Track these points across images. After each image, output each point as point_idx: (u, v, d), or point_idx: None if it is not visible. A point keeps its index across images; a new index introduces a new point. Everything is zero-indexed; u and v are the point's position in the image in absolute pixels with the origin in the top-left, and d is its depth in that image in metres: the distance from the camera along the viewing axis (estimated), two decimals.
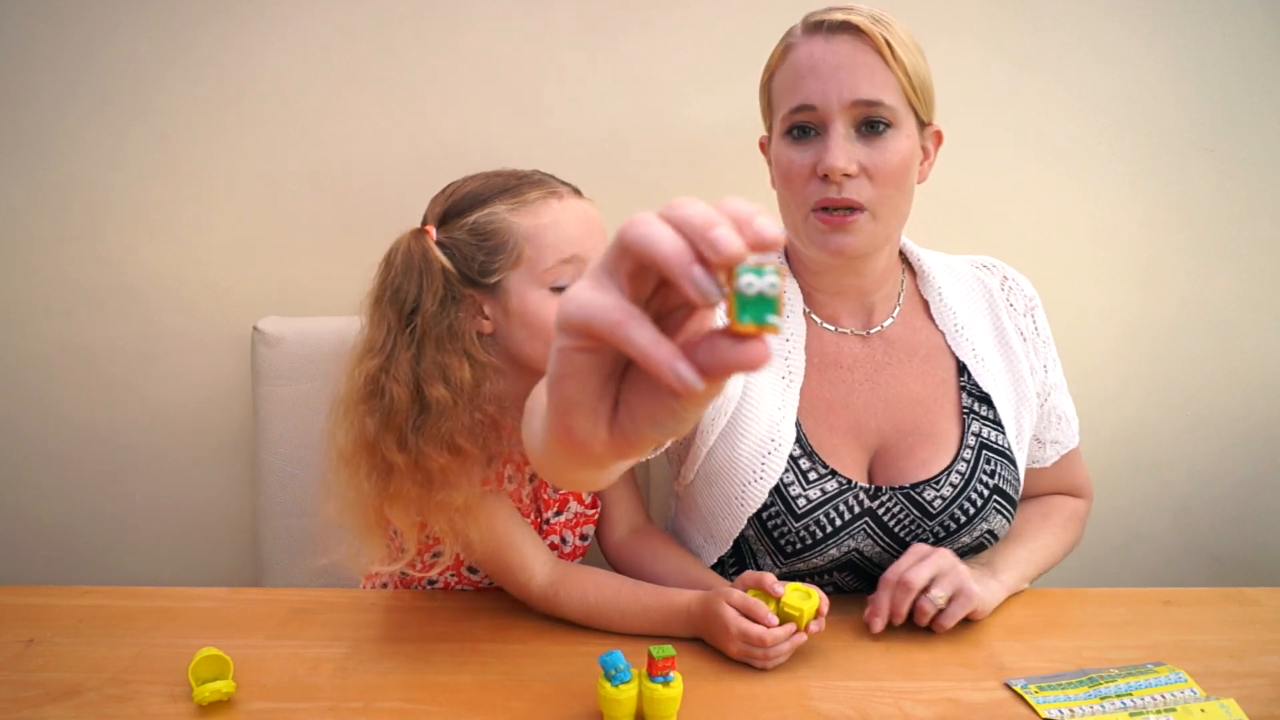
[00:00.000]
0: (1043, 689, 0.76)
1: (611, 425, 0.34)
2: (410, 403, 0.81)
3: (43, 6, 1.16)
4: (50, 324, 1.24)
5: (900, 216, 0.89)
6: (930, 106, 0.88)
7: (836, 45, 0.83)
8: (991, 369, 0.94)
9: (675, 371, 0.29)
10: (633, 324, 0.30)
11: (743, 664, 0.79)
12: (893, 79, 0.82)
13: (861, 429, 0.92)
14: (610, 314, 0.30)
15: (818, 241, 0.86)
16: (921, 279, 0.98)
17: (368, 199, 1.22)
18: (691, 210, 0.30)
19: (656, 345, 0.30)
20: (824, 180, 0.84)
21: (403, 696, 0.74)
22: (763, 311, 0.29)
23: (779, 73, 0.88)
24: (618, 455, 0.35)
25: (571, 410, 0.33)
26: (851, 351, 0.94)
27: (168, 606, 0.89)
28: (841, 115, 0.83)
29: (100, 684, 0.75)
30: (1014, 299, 0.99)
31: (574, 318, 0.31)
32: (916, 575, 0.82)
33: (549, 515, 0.97)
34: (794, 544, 0.89)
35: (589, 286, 0.31)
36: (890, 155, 0.83)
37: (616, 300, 0.30)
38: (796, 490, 0.88)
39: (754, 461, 0.88)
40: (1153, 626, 0.88)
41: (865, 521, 0.89)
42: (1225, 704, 0.72)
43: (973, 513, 0.89)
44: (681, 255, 0.29)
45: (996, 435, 0.92)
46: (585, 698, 0.74)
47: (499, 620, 0.88)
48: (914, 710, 0.73)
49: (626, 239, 0.30)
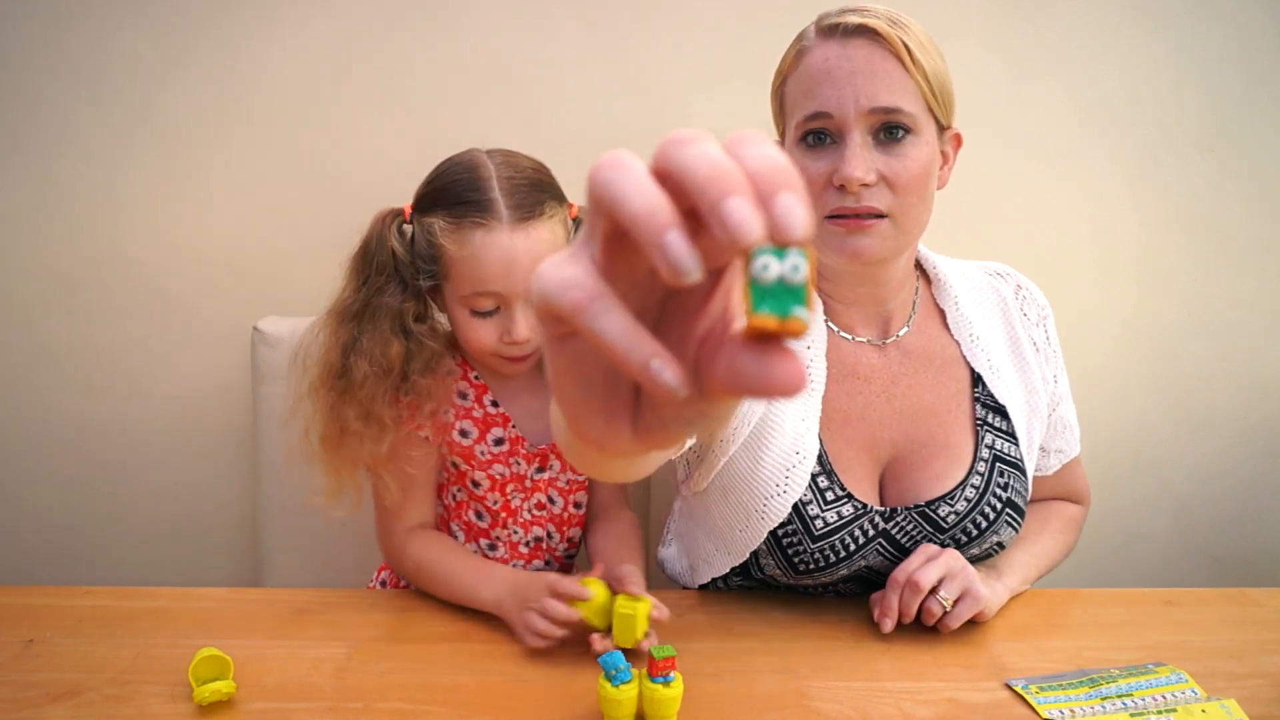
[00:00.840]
0: (1043, 689, 0.75)
1: (636, 422, 0.29)
2: (338, 366, 0.90)
3: (44, 8, 1.16)
4: (51, 323, 1.24)
5: (921, 224, 0.85)
6: (950, 110, 0.84)
7: (852, 50, 0.79)
8: (1006, 380, 0.92)
9: (649, 374, 0.24)
10: (596, 306, 0.24)
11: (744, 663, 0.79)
12: (911, 84, 0.79)
13: (875, 442, 0.90)
14: (567, 293, 0.24)
15: (834, 246, 0.83)
16: (937, 287, 0.95)
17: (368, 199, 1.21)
18: (696, 155, 0.23)
19: (626, 336, 0.24)
20: (840, 190, 0.80)
21: (403, 697, 0.74)
22: (787, 303, 0.22)
23: (792, 78, 0.84)
24: (648, 450, 0.30)
25: (580, 411, 0.29)
26: (869, 361, 0.91)
27: (168, 607, 0.89)
28: (859, 123, 0.79)
29: (100, 684, 0.75)
30: (1027, 308, 0.97)
31: (539, 298, 0.25)
32: (925, 576, 0.82)
33: (530, 471, 0.98)
34: (807, 564, 0.87)
35: (562, 258, 0.26)
36: (910, 163, 0.80)
37: (582, 275, 0.25)
38: (815, 510, 0.86)
39: (777, 474, 0.85)
40: (1153, 627, 0.88)
41: (879, 542, 0.88)
42: (1226, 704, 0.72)
43: (985, 526, 0.88)
44: (653, 216, 0.23)
45: (1009, 447, 0.90)
46: (585, 698, 0.74)
47: (499, 621, 0.88)
48: (914, 711, 0.73)
49: (590, 186, 0.24)
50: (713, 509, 0.91)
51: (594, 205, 0.25)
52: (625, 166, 0.24)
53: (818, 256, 0.87)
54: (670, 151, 0.24)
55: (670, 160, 0.24)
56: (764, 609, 0.91)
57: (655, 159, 0.24)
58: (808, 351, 0.88)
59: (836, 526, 0.86)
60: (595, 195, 0.24)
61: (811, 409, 0.87)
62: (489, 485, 0.97)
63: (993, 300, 0.96)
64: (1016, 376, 0.93)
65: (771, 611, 0.90)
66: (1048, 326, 0.98)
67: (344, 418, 0.89)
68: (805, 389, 0.25)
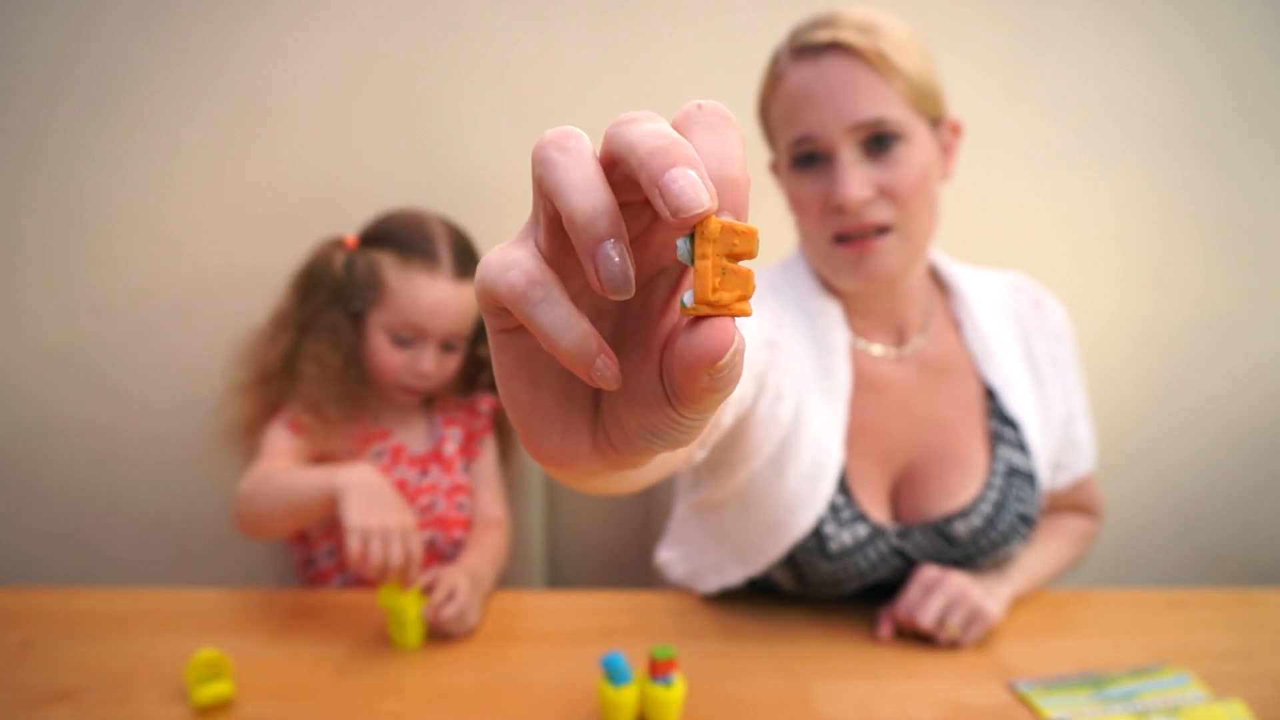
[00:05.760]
0: (1047, 691, 0.75)
1: (595, 436, 0.26)
2: (275, 368, 1.01)
3: (43, 10, 1.16)
4: (50, 324, 1.24)
5: (928, 230, 0.83)
6: (939, 104, 0.81)
7: (825, 68, 0.77)
8: (1020, 394, 0.90)
9: (590, 369, 0.22)
10: (536, 293, 0.22)
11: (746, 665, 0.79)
12: (892, 91, 0.76)
13: (889, 455, 0.88)
14: (507, 274, 0.22)
15: (846, 271, 0.82)
16: (954, 298, 0.93)
17: (366, 200, 1.22)
18: (642, 132, 0.21)
19: (567, 329, 0.22)
20: (840, 210, 0.79)
21: (403, 698, 0.74)
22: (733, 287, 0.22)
23: (773, 104, 0.82)
24: (611, 468, 0.27)
25: (531, 421, 0.26)
26: (887, 373, 0.89)
27: (166, 608, 0.89)
28: (845, 140, 0.77)
29: (97, 686, 0.75)
30: (1045, 323, 0.94)
31: (479, 284, 0.23)
32: (926, 614, 0.81)
33: (413, 477, 1.06)
34: (816, 582, 0.86)
35: (508, 243, 0.24)
36: (906, 170, 0.78)
37: (524, 258, 0.23)
38: (831, 529, 0.84)
39: (803, 486, 0.83)
40: (1159, 628, 0.88)
41: (891, 560, 0.87)
42: (1232, 705, 0.72)
43: (999, 541, 0.87)
44: (592, 222, 0.21)
45: (1023, 459, 0.89)
46: (586, 700, 0.74)
47: (499, 622, 0.87)
48: (917, 713, 0.73)
49: (534, 164, 0.22)
50: (728, 521, 0.89)
51: (536, 186, 0.23)
52: (572, 150, 0.22)
53: (833, 281, 0.85)
54: (616, 131, 0.22)
55: (616, 140, 0.22)
56: (766, 610, 0.90)
57: (604, 142, 0.23)
58: (830, 357, 0.86)
59: (852, 548, 0.84)
60: (537, 176, 0.22)
61: (836, 418, 0.85)
62: None
63: (1010, 313, 0.94)
64: (1031, 391, 0.91)
65: (773, 613, 0.90)
66: (1065, 341, 0.95)
67: (292, 411, 1.00)
68: (736, 344, 0.22)
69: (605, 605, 0.92)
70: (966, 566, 0.88)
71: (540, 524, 1.22)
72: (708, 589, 0.93)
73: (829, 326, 0.87)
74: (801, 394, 0.84)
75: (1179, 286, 1.31)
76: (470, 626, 0.84)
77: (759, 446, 0.83)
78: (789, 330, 0.86)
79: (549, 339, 0.22)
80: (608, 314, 0.27)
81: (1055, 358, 0.94)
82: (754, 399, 0.81)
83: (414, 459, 1.07)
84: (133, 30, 1.17)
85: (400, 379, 1.01)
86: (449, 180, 1.22)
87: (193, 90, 1.19)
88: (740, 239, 0.22)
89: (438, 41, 1.19)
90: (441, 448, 1.08)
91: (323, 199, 1.22)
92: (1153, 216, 1.28)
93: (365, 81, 1.20)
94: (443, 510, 1.06)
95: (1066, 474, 0.97)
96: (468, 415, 1.12)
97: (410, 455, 1.07)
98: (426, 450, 1.08)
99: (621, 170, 0.23)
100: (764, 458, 0.84)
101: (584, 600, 0.93)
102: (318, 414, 0.98)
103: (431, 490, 1.06)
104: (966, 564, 0.87)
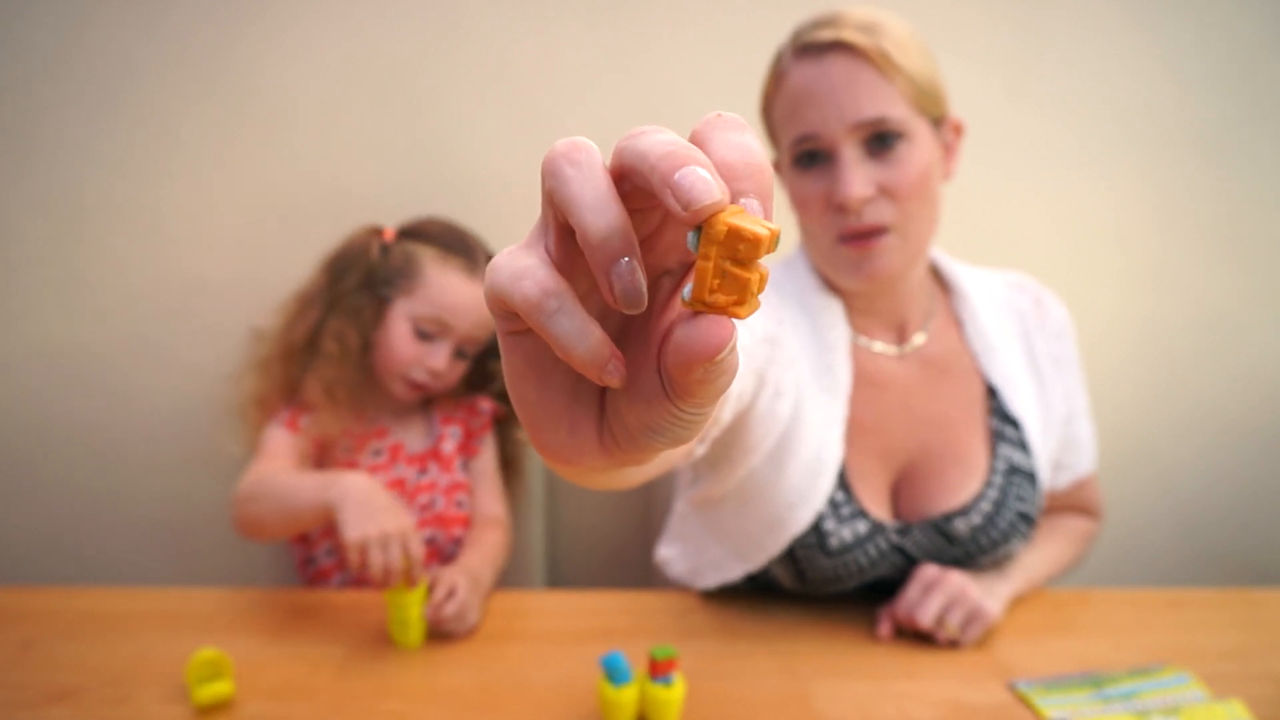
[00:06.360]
0: (1047, 691, 0.75)
1: (601, 433, 0.27)
2: (304, 346, 1.03)
3: (44, 10, 1.16)
4: (49, 324, 1.24)
5: (928, 229, 0.83)
6: (941, 103, 0.82)
7: (828, 67, 0.78)
8: (1021, 393, 0.90)
9: (602, 373, 0.23)
10: (550, 304, 0.22)
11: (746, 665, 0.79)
12: (894, 90, 0.77)
13: (890, 453, 0.88)
14: (519, 284, 0.23)
15: (848, 270, 0.82)
16: (956, 297, 0.93)
17: (366, 200, 1.22)
18: (652, 141, 0.22)
19: (582, 338, 0.22)
20: (842, 209, 0.79)
21: (403, 697, 0.74)
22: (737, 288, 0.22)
23: (775, 103, 0.83)
24: (617, 465, 0.28)
25: (540, 420, 0.26)
26: (889, 370, 0.89)
27: (166, 608, 0.89)
28: (847, 138, 0.78)
29: (98, 686, 0.75)
30: (1046, 322, 0.94)
31: (489, 290, 0.24)
32: (925, 613, 0.81)
33: (412, 475, 1.07)
34: (815, 579, 0.86)
35: (518, 248, 0.24)
36: (907, 169, 0.78)
37: (535, 266, 0.23)
38: (831, 525, 0.84)
39: (802, 482, 0.83)
40: (1158, 628, 0.88)
41: (891, 557, 0.87)
42: (1232, 705, 0.72)
43: (999, 539, 0.87)
44: (606, 240, 0.21)
45: (1023, 458, 0.89)
46: (586, 700, 0.74)
47: (499, 622, 0.87)
48: (917, 712, 0.73)
49: (544, 176, 0.22)
50: (727, 517, 0.89)
51: (546, 197, 0.23)
52: (584, 165, 0.22)
53: (835, 280, 0.85)
54: (628, 144, 0.22)
55: (628, 153, 0.22)
56: (766, 610, 0.90)
57: (614, 156, 0.23)
58: (830, 354, 0.87)
59: (851, 544, 0.85)
60: (549, 189, 0.22)
61: (836, 414, 0.85)
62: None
63: (1011, 312, 0.94)
64: (1032, 390, 0.91)
65: (774, 612, 0.90)
66: (1066, 341, 0.95)
67: (306, 389, 1.01)
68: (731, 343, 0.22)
69: (605, 605, 0.92)
70: (966, 565, 0.88)
71: (540, 523, 1.22)
72: (707, 586, 0.93)
73: (830, 324, 0.87)
74: (801, 390, 0.84)
75: (1179, 286, 1.31)
76: (470, 626, 0.84)
77: (758, 442, 0.83)
78: (789, 327, 0.87)
79: (563, 348, 0.23)
80: (612, 312, 0.28)
81: (1056, 357, 0.94)
82: (753, 395, 0.81)
83: (412, 457, 1.08)
84: (133, 30, 1.17)
85: (409, 371, 1.02)
86: (449, 180, 1.22)
87: (193, 90, 1.19)
88: (745, 245, 0.21)
89: (438, 41, 1.19)
90: (440, 446, 1.08)
91: (322, 199, 1.22)
92: (1153, 216, 1.28)
93: (365, 81, 1.20)
94: (442, 508, 1.07)
95: (1067, 474, 0.97)
96: (467, 414, 1.12)
97: (408, 454, 1.08)
98: (425, 448, 1.09)
99: (632, 182, 0.23)
100: (763, 453, 0.84)
101: (584, 600, 0.93)
102: (329, 394, 1.00)
103: (430, 488, 1.07)
104: (966, 562, 0.87)
